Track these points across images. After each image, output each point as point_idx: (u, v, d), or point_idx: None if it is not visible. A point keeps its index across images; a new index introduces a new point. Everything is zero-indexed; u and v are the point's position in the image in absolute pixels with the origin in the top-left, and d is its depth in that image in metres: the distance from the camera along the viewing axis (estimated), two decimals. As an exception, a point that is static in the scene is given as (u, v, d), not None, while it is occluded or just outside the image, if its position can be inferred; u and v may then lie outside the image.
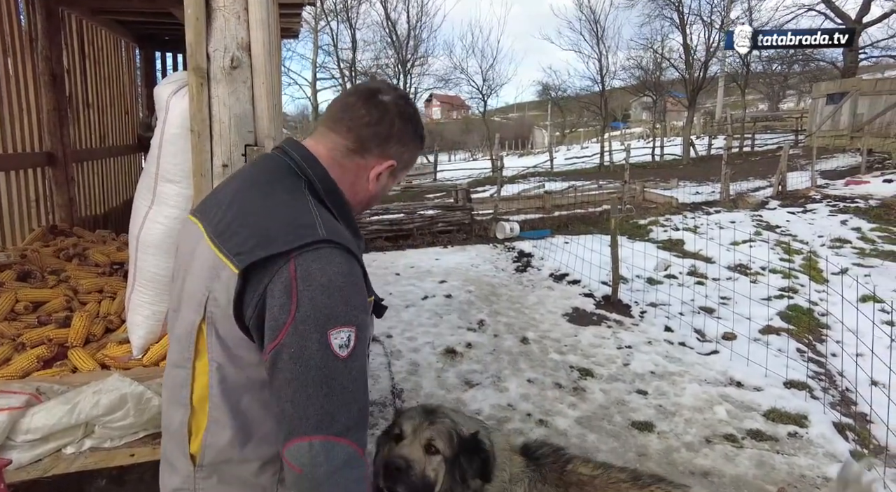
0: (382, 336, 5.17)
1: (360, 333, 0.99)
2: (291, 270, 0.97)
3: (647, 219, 10.73)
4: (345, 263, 1.00)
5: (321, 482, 0.94)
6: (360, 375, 0.99)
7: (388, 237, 9.61)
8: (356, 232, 1.16)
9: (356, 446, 0.98)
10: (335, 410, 0.95)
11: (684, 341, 5.17)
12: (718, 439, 3.52)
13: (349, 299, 0.98)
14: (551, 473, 1.70)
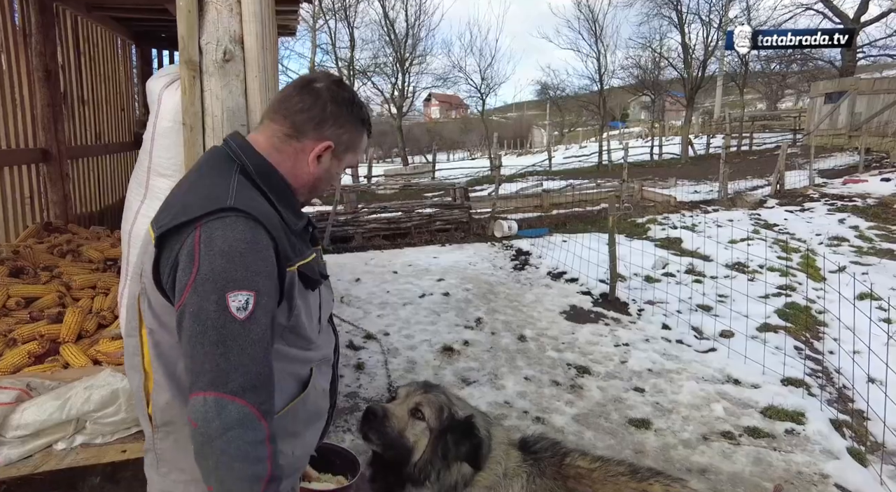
0: (380, 334, 5.16)
1: (259, 299, 1.03)
2: (196, 235, 1.03)
3: (646, 217, 10.73)
4: (248, 230, 1.05)
5: (213, 438, 0.98)
6: (259, 339, 1.02)
7: (385, 236, 9.59)
8: (297, 213, 1.23)
9: (253, 408, 1.00)
10: (231, 369, 0.99)
11: (682, 339, 5.16)
12: (716, 437, 3.51)
13: (249, 265, 1.02)
14: (549, 467, 1.68)
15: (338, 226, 9.32)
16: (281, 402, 1.17)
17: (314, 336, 1.25)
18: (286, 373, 1.20)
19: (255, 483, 1.01)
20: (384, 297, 6.35)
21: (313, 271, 1.22)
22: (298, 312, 1.17)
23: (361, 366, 4.49)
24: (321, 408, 1.33)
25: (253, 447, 1.00)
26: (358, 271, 7.50)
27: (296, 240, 1.20)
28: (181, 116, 1.96)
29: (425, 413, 1.59)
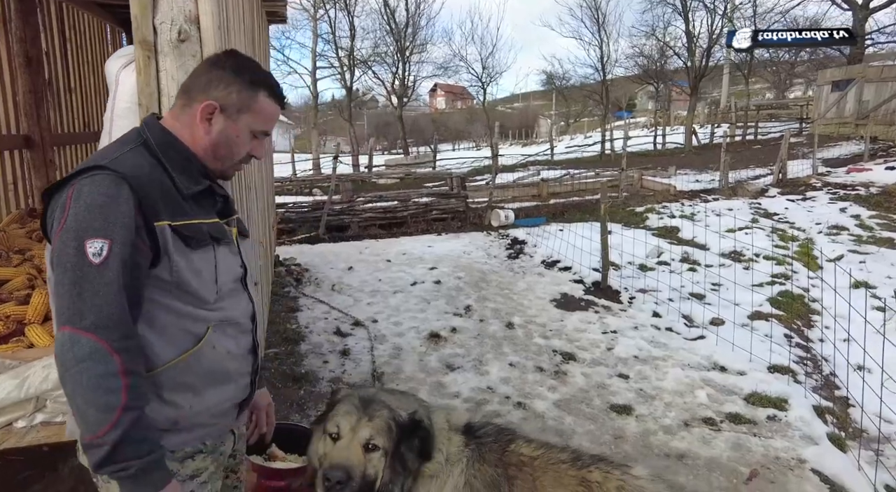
0: (368, 321, 5.16)
1: (115, 247, 1.14)
2: (70, 191, 1.17)
3: (644, 206, 10.66)
4: (111, 185, 1.17)
5: (68, 368, 1.10)
6: (111, 281, 1.13)
7: (382, 225, 9.59)
8: (195, 179, 1.33)
9: (104, 343, 1.11)
10: (85, 308, 1.11)
11: (671, 327, 5.14)
12: (697, 423, 3.50)
13: (108, 216, 1.14)
14: (491, 453, 1.64)
15: (333, 215, 9.32)
16: (171, 353, 1.27)
17: (208, 296, 1.32)
18: (177, 327, 1.28)
19: (108, 411, 1.10)
20: (376, 285, 6.36)
21: (197, 232, 1.29)
22: (179, 268, 1.25)
23: (347, 352, 4.50)
24: (226, 370, 1.38)
25: (104, 379, 1.10)
26: (352, 260, 7.50)
27: (186, 203, 1.30)
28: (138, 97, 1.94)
29: (379, 443, 1.55)
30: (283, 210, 9.18)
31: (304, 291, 6.09)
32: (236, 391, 1.43)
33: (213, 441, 1.41)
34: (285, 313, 5.29)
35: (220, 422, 1.41)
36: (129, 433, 1.11)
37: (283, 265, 6.88)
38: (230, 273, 1.40)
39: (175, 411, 1.29)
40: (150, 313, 1.25)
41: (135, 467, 1.12)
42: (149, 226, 1.20)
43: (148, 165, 1.26)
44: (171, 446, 1.30)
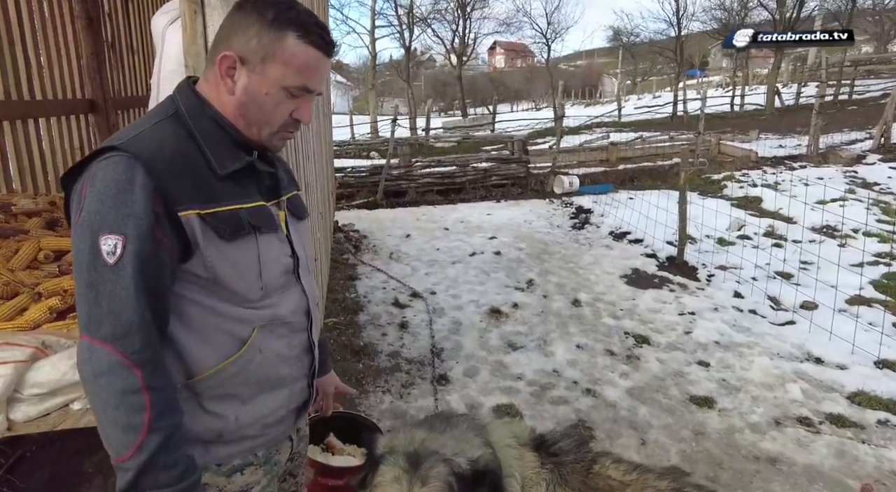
0: (426, 293, 5.00)
1: (129, 244, 0.97)
2: (86, 178, 1.00)
3: (722, 174, 9.86)
4: (125, 170, 0.98)
5: (87, 381, 0.98)
6: (129, 285, 0.97)
7: (439, 191, 9.35)
8: (231, 154, 1.11)
9: (122, 356, 0.96)
10: (102, 315, 0.96)
11: (755, 309, 4.68)
12: (790, 422, 3.13)
13: (120, 207, 0.97)
14: (574, 474, 1.39)
15: (391, 180, 9.16)
16: (211, 359, 1.10)
17: (253, 294, 1.13)
18: (219, 330, 1.11)
19: (132, 432, 0.96)
20: (433, 254, 6.17)
21: (231, 221, 1.08)
22: (213, 263, 1.06)
23: (405, 325, 4.36)
24: (278, 376, 1.20)
25: (123, 396, 0.95)
26: (409, 227, 7.34)
27: (221, 184, 1.08)
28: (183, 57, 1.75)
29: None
30: (341, 174, 9.11)
31: (363, 258, 5.99)
32: (291, 397, 1.25)
33: (267, 451, 1.24)
34: (344, 281, 5.21)
35: (273, 431, 1.24)
36: (157, 458, 0.96)
37: (342, 231, 6.82)
38: (278, 265, 1.18)
39: (219, 423, 1.13)
40: (187, 314, 1.07)
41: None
42: (171, 216, 1.01)
43: (174, 140, 1.06)
44: (217, 460, 1.15)
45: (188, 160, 1.06)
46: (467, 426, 1.44)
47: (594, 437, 3.02)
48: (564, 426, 1.56)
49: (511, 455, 1.39)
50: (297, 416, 1.30)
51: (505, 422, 1.55)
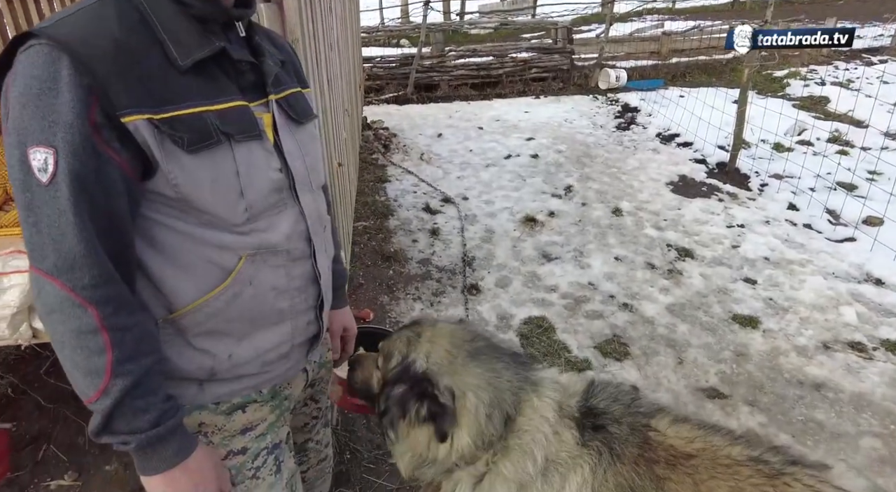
0: (458, 198, 4.80)
1: (61, 159, 0.79)
2: (10, 74, 0.82)
3: (786, 70, 8.92)
4: (47, 64, 0.79)
5: (41, 317, 0.85)
6: (68, 209, 0.80)
7: (474, 84, 8.76)
8: (196, 37, 0.90)
9: (70, 291, 0.81)
10: (44, 243, 0.81)
11: (811, 224, 4.35)
12: (841, 347, 2.97)
13: (46, 113, 0.78)
14: (628, 447, 1.17)
15: (422, 71, 8.57)
16: (194, 292, 0.95)
17: (234, 216, 0.95)
18: (199, 258, 0.94)
19: (92, 375, 0.83)
20: (466, 156, 5.87)
21: (192, 127, 0.87)
22: (177, 180, 0.87)
23: (437, 232, 4.22)
24: (277, 309, 1.06)
25: (79, 336, 0.83)
26: (441, 125, 6.96)
27: (183, 80, 0.88)
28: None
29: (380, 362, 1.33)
30: (369, 65, 8.55)
31: (392, 159, 5.74)
32: (295, 332, 1.11)
33: (274, 387, 1.14)
34: (373, 184, 5.03)
35: (277, 368, 1.11)
36: (123, 403, 0.84)
37: (371, 128, 6.51)
38: (264, 182, 0.98)
39: (210, 361, 1.00)
40: (160, 241, 0.92)
41: (134, 441, 0.87)
42: (114, 122, 0.82)
43: (118, 23, 0.84)
44: (214, 399, 1.04)
45: (137, 50, 0.84)
46: (512, 373, 1.27)
47: (629, 353, 2.94)
48: (613, 384, 1.31)
49: (541, 433, 1.20)
50: (307, 349, 1.17)
51: (554, 380, 1.31)
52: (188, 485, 0.92)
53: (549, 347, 2.97)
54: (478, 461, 1.22)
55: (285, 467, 1.19)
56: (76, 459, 2.21)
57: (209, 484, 0.96)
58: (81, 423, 2.34)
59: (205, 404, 1.04)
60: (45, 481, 2.11)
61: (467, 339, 1.33)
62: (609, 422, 1.21)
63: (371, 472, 2.20)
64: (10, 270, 1.63)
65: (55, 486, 2.10)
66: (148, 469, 0.90)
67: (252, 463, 1.12)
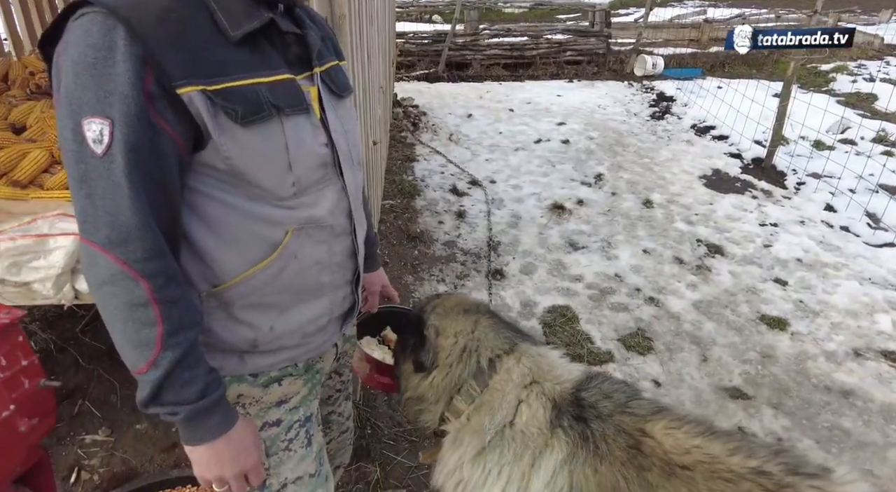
0: (486, 181, 4.76)
1: (117, 130, 0.78)
2: (61, 43, 0.80)
3: (832, 64, 8.59)
4: (102, 33, 0.77)
5: (92, 290, 0.85)
6: (121, 182, 0.79)
7: (507, 64, 8.62)
8: (245, 9, 0.89)
9: (124, 265, 0.81)
10: (97, 216, 0.80)
11: (849, 226, 4.23)
12: (873, 355, 2.90)
13: (101, 82, 0.77)
14: (617, 447, 1.12)
15: (455, 49, 8.45)
16: (238, 265, 0.96)
17: (283, 190, 0.95)
18: (246, 232, 0.95)
19: (143, 347, 0.84)
20: (496, 138, 5.81)
21: (245, 99, 0.86)
22: (229, 152, 0.87)
23: (463, 214, 4.20)
24: (318, 283, 1.07)
25: (131, 309, 0.83)
26: (471, 105, 6.88)
27: (229, 51, 0.86)
28: None
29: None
30: (402, 41, 8.46)
31: (421, 138, 5.71)
32: (333, 306, 1.12)
33: (308, 361, 1.16)
34: (402, 162, 5.01)
35: (314, 340, 1.13)
36: (173, 374, 0.86)
37: (401, 106, 6.46)
38: (311, 157, 0.98)
39: (253, 333, 1.02)
40: (208, 213, 0.91)
41: (183, 412, 0.88)
42: (170, 93, 0.81)
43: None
44: (252, 370, 1.06)
45: (187, 19, 0.83)
46: (500, 337, 1.35)
47: (652, 348, 2.92)
48: (611, 381, 1.29)
49: (503, 393, 1.24)
50: (342, 323, 1.19)
51: (541, 355, 1.33)
52: (230, 455, 0.94)
53: (572, 338, 2.96)
54: (461, 415, 1.30)
55: (315, 440, 1.22)
56: (109, 415, 2.29)
57: (249, 454, 0.98)
58: (114, 381, 2.42)
59: (244, 376, 1.06)
60: (81, 435, 2.20)
61: (472, 304, 1.45)
62: (592, 417, 1.18)
63: (390, 448, 2.24)
64: (57, 233, 1.67)
65: (90, 440, 2.18)
66: (193, 439, 0.92)
67: (285, 435, 1.14)
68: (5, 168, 1.89)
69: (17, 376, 1.15)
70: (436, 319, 1.35)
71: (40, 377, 1.20)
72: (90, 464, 2.10)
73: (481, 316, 1.37)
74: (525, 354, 1.30)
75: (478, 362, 1.29)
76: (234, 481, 0.96)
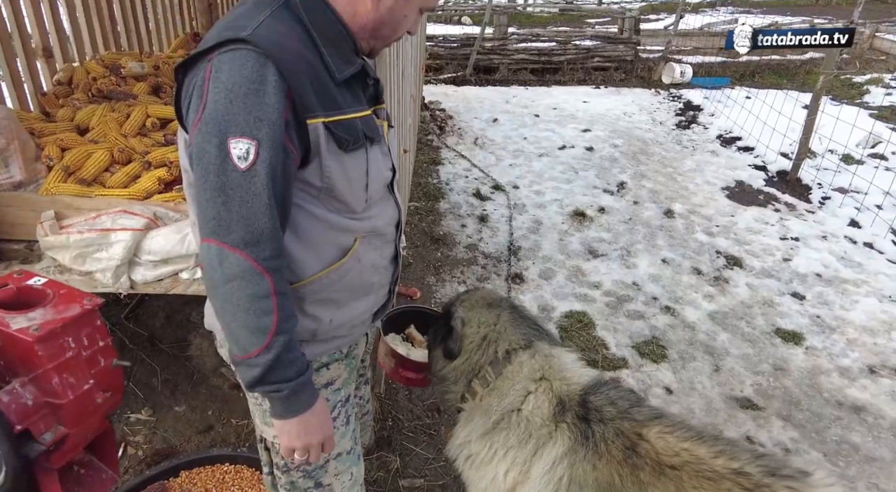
0: (508, 185, 4.87)
1: (262, 150, 0.93)
2: (207, 69, 0.94)
3: (867, 75, 8.44)
4: (256, 67, 0.92)
5: (216, 285, 0.98)
6: (261, 192, 0.94)
7: (534, 69, 8.68)
8: (349, 59, 1.07)
9: (254, 262, 0.96)
10: (232, 220, 0.94)
11: (872, 243, 4.22)
12: (888, 372, 2.94)
13: (252, 109, 0.92)
14: (615, 447, 1.23)
15: (483, 54, 8.55)
16: (316, 266, 1.13)
17: (358, 205, 1.14)
18: (325, 238, 1.12)
19: (260, 333, 0.99)
20: (520, 143, 5.90)
21: (351, 131, 1.05)
22: (331, 173, 1.05)
23: (485, 218, 4.32)
24: (370, 283, 1.25)
25: (254, 300, 0.98)
26: (497, 110, 6.98)
27: (338, 90, 1.04)
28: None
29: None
30: (431, 44, 8.59)
31: (447, 141, 5.84)
32: (376, 302, 1.32)
33: (349, 348, 1.34)
34: (427, 165, 5.14)
35: (357, 331, 1.32)
36: (281, 356, 1.02)
37: (428, 109, 6.60)
38: (381, 178, 1.18)
39: (315, 324, 1.19)
40: (296, 222, 1.08)
41: (287, 388, 1.05)
42: (300, 123, 0.98)
43: (294, 36, 0.99)
44: (310, 357, 1.22)
45: (310, 61, 0.99)
46: (518, 332, 1.49)
47: (666, 356, 3.00)
48: (619, 388, 1.40)
49: (512, 382, 1.40)
50: (375, 317, 1.37)
51: (553, 355, 1.45)
52: (316, 424, 1.11)
53: (588, 343, 3.05)
54: (476, 396, 1.46)
55: (352, 419, 1.39)
56: (151, 397, 2.47)
57: (328, 425, 1.16)
58: (155, 366, 2.60)
59: None
60: (126, 413, 2.38)
61: (496, 298, 1.61)
62: (596, 419, 1.30)
63: (410, 440, 2.37)
64: (118, 228, 1.83)
65: (134, 418, 2.36)
66: (289, 413, 1.08)
67: (331, 414, 1.29)
68: (73, 167, 2.07)
69: (96, 355, 1.31)
70: (463, 311, 1.52)
71: (113, 357, 1.36)
72: (135, 440, 2.28)
73: (503, 311, 1.53)
74: (539, 351, 1.45)
75: (495, 352, 1.45)
76: (314, 450, 1.14)
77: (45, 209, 1.94)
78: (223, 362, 2.74)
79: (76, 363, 1.28)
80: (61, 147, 2.18)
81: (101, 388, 1.30)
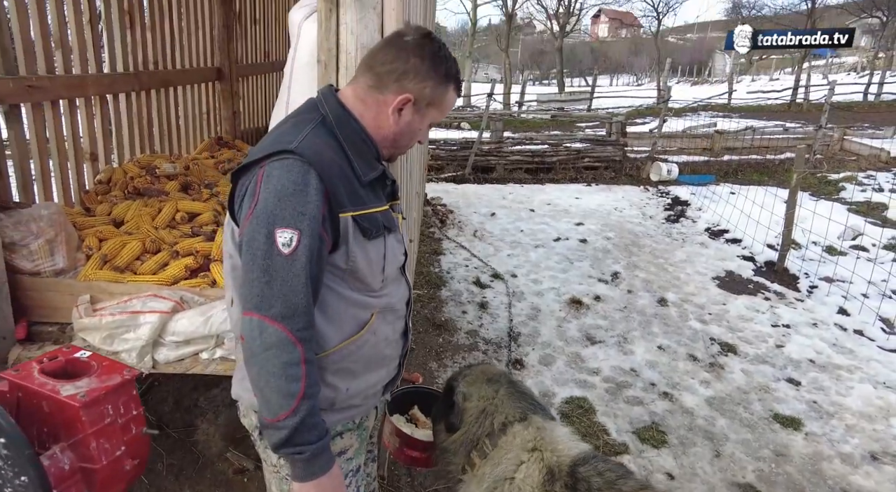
0: (507, 275, 5.07)
1: (303, 238, 1.12)
2: (260, 174, 1.15)
3: (842, 174, 8.98)
4: (301, 173, 1.14)
5: (255, 354, 1.12)
6: (300, 273, 1.12)
7: (528, 169, 9.26)
8: (372, 164, 1.28)
9: (289, 333, 1.11)
10: (273, 297, 1.11)
11: (862, 330, 4.34)
12: (890, 459, 2.94)
13: (296, 206, 1.12)
14: None
15: (480, 155, 9.17)
16: (337, 338, 1.27)
17: (376, 284, 1.31)
18: (346, 314, 1.28)
19: (289, 398, 1.12)
20: (517, 236, 6.20)
21: (373, 222, 1.26)
22: (355, 257, 1.23)
23: (485, 305, 4.47)
24: (383, 355, 1.39)
25: (287, 367, 1.11)
26: (494, 205, 7.38)
27: (363, 190, 1.25)
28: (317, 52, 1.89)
29: None
30: (433, 147, 9.25)
31: (448, 233, 6.14)
32: (388, 374, 1.45)
33: (361, 418, 1.45)
34: (429, 255, 5.39)
35: (370, 402, 1.43)
36: (306, 420, 1.13)
37: (430, 204, 6.98)
38: (396, 261, 1.38)
39: (333, 393, 1.31)
40: (323, 299, 1.24)
41: (308, 451, 1.15)
42: (333, 216, 1.18)
43: (329, 147, 1.22)
44: (328, 425, 1.32)
45: (342, 167, 1.21)
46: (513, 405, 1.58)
47: (666, 441, 3.01)
48: (607, 461, 1.45)
49: (505, 451, 1.48)
50: (385, 389, 1.49)
51: (544, 428, 1.52)
52: (331, 488, 1.20)
53: (589, 429, 3.09)
54: (475, 468, 1.53)
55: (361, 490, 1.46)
56: (155, 482, 2.48)
57: (343, 489, 1.25)
58: (161, 450, 2.63)
59: None
60: (129, 499, 2.38)
61: (496, 373, 1.72)
62: (583, 489, 1.35)
63: (412, 527, 2.36)
64: (147, 310, 2.00)
65: (137, 504, 2.36)
66: (308, 475, 1.17)
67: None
68: (110, 256, 2.27)
69: (129, 423, 1.43)
70: (464, 386, 1.64)
71: (143, 426, 1.48)
72: (137, 526, 2.27)
73: (502, 386, 1.64)
74: (533, 423, 1.54)
75: (492, 424, 1.54)
76: None
77: (81, 293, 2.11)
78: (228, 447, 2.77)
79: (112, 430, 1.40)
80: (99, 238, 2.40)
81: (131, 455, 1.41)
